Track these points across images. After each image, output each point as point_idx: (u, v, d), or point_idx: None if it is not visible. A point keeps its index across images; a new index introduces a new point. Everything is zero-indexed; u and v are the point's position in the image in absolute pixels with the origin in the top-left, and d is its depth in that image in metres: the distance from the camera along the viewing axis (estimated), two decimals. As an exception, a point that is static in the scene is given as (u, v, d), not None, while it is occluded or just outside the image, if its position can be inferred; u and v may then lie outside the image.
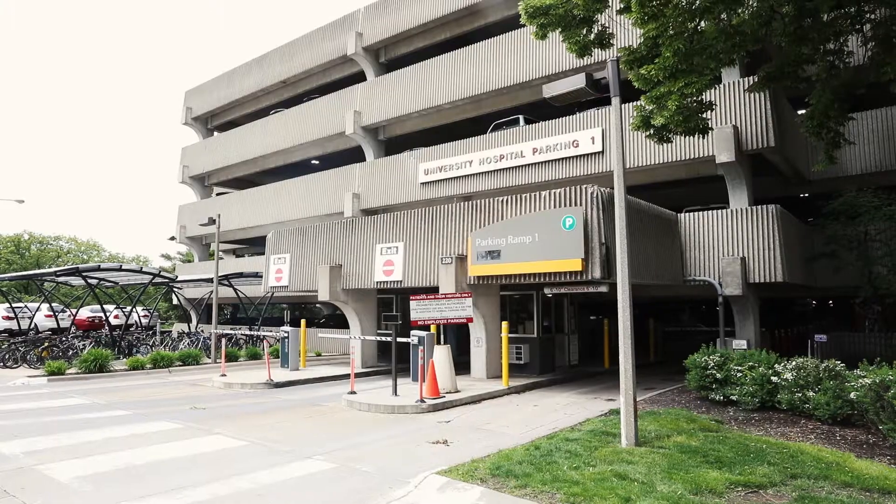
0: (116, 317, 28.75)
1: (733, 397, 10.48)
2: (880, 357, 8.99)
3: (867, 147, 17.24)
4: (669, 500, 5.65)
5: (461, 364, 15.78)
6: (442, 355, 12.81)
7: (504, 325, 13.80)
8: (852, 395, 8.35)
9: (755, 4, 11.82)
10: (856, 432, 8.56)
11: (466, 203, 15.02)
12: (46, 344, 19.40)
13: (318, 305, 34.44)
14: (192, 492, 6.63)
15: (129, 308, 26.24)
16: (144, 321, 30.74)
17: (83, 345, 19.74)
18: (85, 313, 29.74)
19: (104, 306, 24.73)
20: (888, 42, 11.75)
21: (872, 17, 12.16)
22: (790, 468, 6.65)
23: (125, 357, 19.61)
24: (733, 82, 15.91)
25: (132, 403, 12.51)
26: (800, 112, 15.41)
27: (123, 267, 21.56)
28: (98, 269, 20.70)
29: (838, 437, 8.34)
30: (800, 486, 6.11)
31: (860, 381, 8.18)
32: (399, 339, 13.25)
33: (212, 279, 22.72)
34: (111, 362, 17.74)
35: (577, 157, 18.26)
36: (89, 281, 22.28)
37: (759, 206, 15.22)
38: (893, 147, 16.87)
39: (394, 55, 25.90)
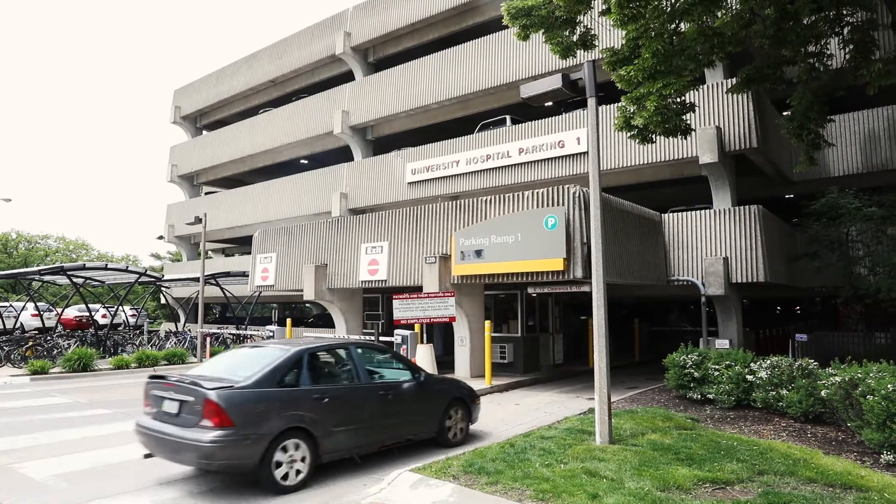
0: (104, 316, 28.62)
1: (710, 396, 10.59)
2: (853, 356, 9.10)
3: (849, 149, 17.43)
4: (636, 497, 5.72)
5: (447, 363, 15.84)
6: (425, 354, 12.87)
7: (487, 324, 13.86)
8: (823, 392, 8.47)
9: (737, 7, 11.95)
10: (826, 429, 8.68)
11: (450, 203, 15.08)
12: (30, 343, 19.30)
13: (307, 305, 34.43)
14: (167, 489, 6.67)
15: (115, 307, 26.12)
16: (132, 320, 30.62)
17: (68, 344, 19.66)
18: (72, 312, 29.59)
19: (90, 305, 24.64)
20: (866, 45, 11.88)
21: (851, 20, 12.28)
22: (758, 465, 6.74)
23: (111, 356, 19.54)
24: (716, 83, 16.03)
25: (114, 402, 12.48)
26: (784, 114, 15.56)
27: (109, 266, 21.45)
28: (83, 267, 20.60)
29: (809, 435, 8.45)
30: (766, 483, 6.20)
31: (831, 379, 8.30)
32: (384, 339, 13.32)
33: (199, 278, 22.67)
34: (96, 361, 17.68)
35: (562, 157, 18.35)
36: (74, 280, 22.18)
37: (742, 207, 15.34)
38: (874, 149, 17.06)
39: (382, 55, 25.94)
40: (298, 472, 6.62)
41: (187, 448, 6.25)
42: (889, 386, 7.05)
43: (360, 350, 8.08)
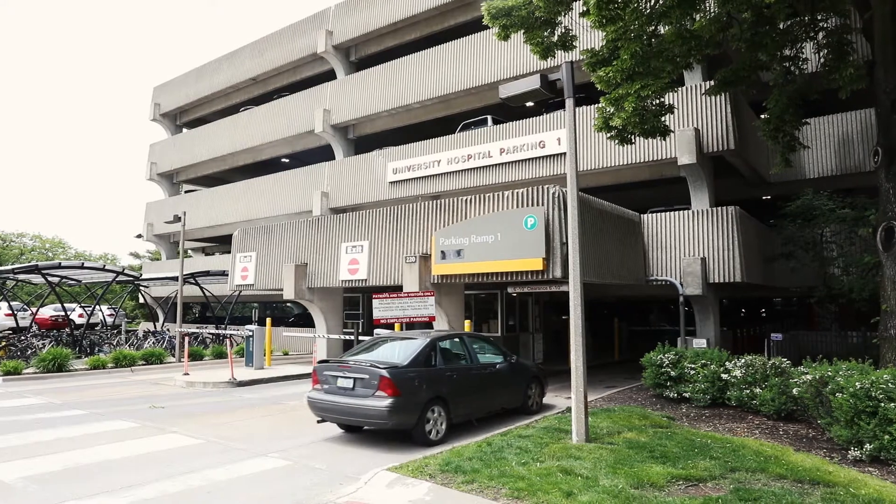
0: (81, 316, 28.21)
1: (686, 394, 10.72)
2: (826, 355, 9.27)
3: (823, 151, 17.71)
4: (610, 494, 5.78)
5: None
6: (404, 354, 12.83)
7: (467, 323, 13.90)
8: (795, 391, 8.62)
9: (714, 10, 12.09)
10: (798, 427, 8.84)
11: (430, 202, 15.08)
12: (4, 343, 18.97)
13: (287, 304, 34.23)
14: (140, 490, 6.60)
15: (91, 307, 25.75)
16: (110, 320, 30.21)
17: (42, 344, 19.36)
18: (48, 312, 29.09)
19: (66, 305, 24.27)
20: (839, 50, 12.10)
21: (825, 25, 12.50)
22: (731, 462, 6.84)
23: (87, 356, 19.27)
24: (695, 86, 16.20)
25: (89, 403, 12.33)
26: (761, 116, 15.80)
27: (85, 265, 21.12)
28: (59, 266, 20.28)
29: (781, 432, 8.60)
30: (737, 479, 6.29)
31: (802, 377, 8.45)
32: (362, 338, 13.29)
33: (178, 277, 22.45)
34: (71, 362, 17.42)
35: (543, 157, 18.42)
36: (50, 279, 21.84)
37: (720, 208, 15.52)
38: (848, 152, 17.36)
39: (364, 54, 25.86)
40: (440, 430, 8.72)
41: (366, 413, 8.29)
42: (857, 384, 7.19)
43: (469, 338, 10.29)
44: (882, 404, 6.96)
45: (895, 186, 9.74)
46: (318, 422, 9.06)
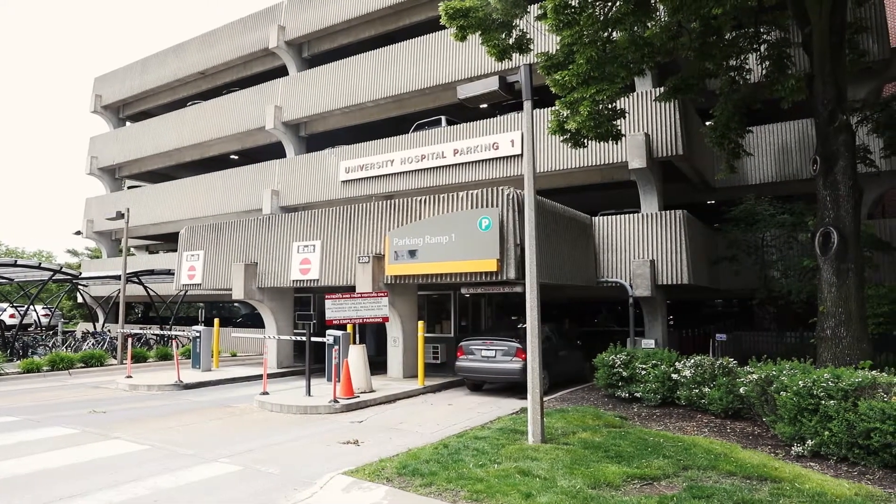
0: (13, 316, 26.82)
1: (638, 394, 10.94)
2: (767, 355, 9.60)
3: (765, 159, 18.42)
4: (568, 495, 5.82)
5: (380, 364, 15.71)
6: (357, 355, 12.69)
7: (420, 324, 13.83)
8: (742, 390, 8.91)
9: (665, 18, 12.43)
10: (744, 425, 9.14)
11: (384, 202, 14.97)
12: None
13: (235, 304, 33.41)
14: (80, 501, 6.29)
15: (24, 307, 24.50)
16: (45, 321, 28.81)
17: (-30, 346, 18.28)
18: (-25, 312, 27.56)
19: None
20: (781, 62, 12.62)
21: (768, 38, 13.02)
22: (683, 460, 7.00)
23: (20, 359, 18.32)
24: (646, 91, 16.58)
25: (22, 409, 11.70)
26: (708, 123, 16.32)
27: (19, 262, 20.04)
28: (-11, 264, 19.23)
29: (729, 430, 8.87)
30: (690, 477, 6.44)
31: (749, 376, 8.74)
32: (315, 339, 13.07)
33: (120, 276, 21.59)
34: (2, 365, 16.51)
35: (497, 159, 18.53)
36: (-21, 277, 20.66)
37: (668, 211, 15.93)
38: (787, 160, 18.11)
39: (317, 51, 25.46)
40: (546, 385, 12.24)
41: (505, 372, 12.51)
42: (800, 382, 7.48)
43: (554, 326, 14.92)
44: (823, 402, 7.26)
45: (832, 193, 10.16)
46: (464, 381, 13.85)
